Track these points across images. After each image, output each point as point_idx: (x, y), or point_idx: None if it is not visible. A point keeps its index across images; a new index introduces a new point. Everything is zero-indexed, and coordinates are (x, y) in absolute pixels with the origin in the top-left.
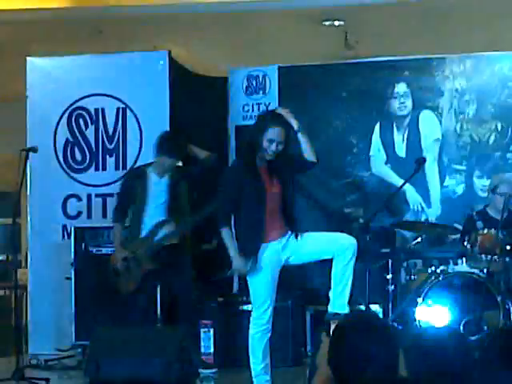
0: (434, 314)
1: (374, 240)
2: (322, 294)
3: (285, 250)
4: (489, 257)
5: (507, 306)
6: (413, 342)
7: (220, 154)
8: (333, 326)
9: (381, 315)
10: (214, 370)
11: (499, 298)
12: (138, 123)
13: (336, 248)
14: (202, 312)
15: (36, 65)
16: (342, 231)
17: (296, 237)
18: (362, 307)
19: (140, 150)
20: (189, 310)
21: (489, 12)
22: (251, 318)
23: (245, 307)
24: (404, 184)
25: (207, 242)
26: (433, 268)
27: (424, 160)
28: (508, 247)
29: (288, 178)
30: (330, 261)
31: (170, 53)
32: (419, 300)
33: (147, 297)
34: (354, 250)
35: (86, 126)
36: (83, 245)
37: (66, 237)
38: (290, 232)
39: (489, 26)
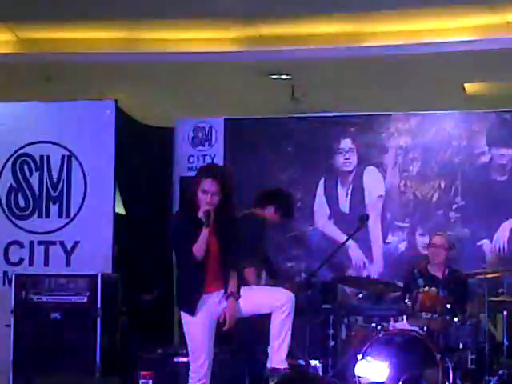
0: (374, 370)
1: (315, 295)
2: (262, 348)
3: (222, 302)
4: (429, 315)
5: (446, 365)
6: None
7: (164, 204)
8: (271, 383)
9: (321, 370)
10: None
11: (438, 357)
12: (83, 172)
13: (273, 303)
14: (141, 363)
15: None
16: (283, 285)
17: (226, 298)
18: (302, 362)
19: (84, 199)
20: None
21: (435, 71)
22: (189, 372)
23: (185, 359)
24: (347, 240)
25: (147, 292)
26: (373, 325)
27: (367, 217)
28: (448, 306)
29: (227, 234)
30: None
31: (116, 102)
32: (359, 356)
33: None
34: (291, 305)
35: (31, 173)
36: (24, 292)
37: (6, 283)
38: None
39: (434, 85)
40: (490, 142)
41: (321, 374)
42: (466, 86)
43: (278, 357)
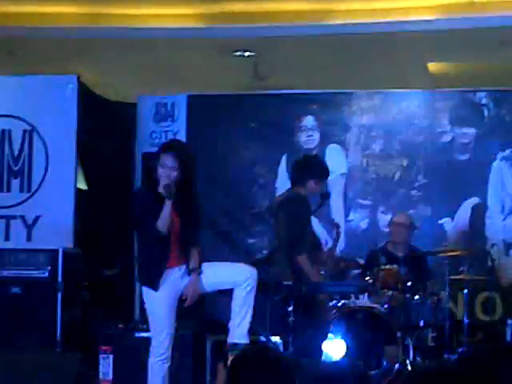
0: (335, 347)
1: (277, 271)
2: (223, 323)
3: (184, 278)
4: (390, 292)
5: (406, 342)
6: (312, 375)
7: (126, 179)
8: (230, 358)
9: (281, 347)
10: None
11: (399, 334)
12: (45, 146)
13: (236, 278)
14: (102, 338)
15: None
16: (245, 262)
17: (188, 274)
18: (263, 338)
19: (45, 173)
20: None
21: (399, 50)
22: (150, 347)
23: (146, 334)
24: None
25: (109, 267)
26: (334, 302)
27: (328, 194)
28: (409, 283)
29: (187, 209)
30: (231, 290)
31: (79, 77)
32: (320, 333)
33: None
34: (254, 281)
35: None
36: None
37: None
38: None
39: (398, 64)
40: (452, 121)
41: (281, 350)
42: (430, 65)
43: (239, 332)
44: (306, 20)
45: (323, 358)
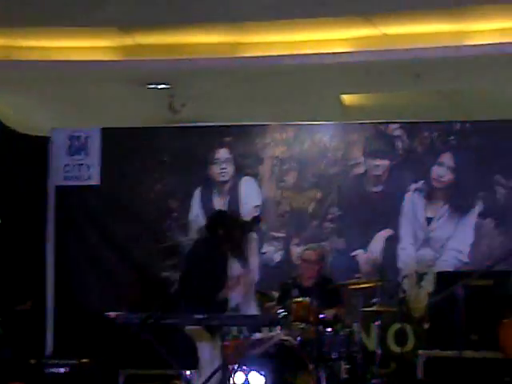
0: (249, 379)
1: (190, 305)
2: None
3: None
4: (302, 324)
5: (319, 374)
6: None
7: (39, 213)
8: None
9: (195, 380)
10: None
11: (311, 366)
12: None
13: None
14: (14, 374)
15: None
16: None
17: None
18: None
19: None
20: None
21: (312, 82)
22: None
23: (56, 370)
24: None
25: (22, 302)
26: (247, 334)
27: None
28: (321, 316)
29: None
30: None
31: None
32: (233, 366)
33: None
34: None
35: None
36: None
37: None
38: None
39: (311, 96)
40: (365, 153)
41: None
42: (343, 97)
43: None
44: (219, 53)
45: None
